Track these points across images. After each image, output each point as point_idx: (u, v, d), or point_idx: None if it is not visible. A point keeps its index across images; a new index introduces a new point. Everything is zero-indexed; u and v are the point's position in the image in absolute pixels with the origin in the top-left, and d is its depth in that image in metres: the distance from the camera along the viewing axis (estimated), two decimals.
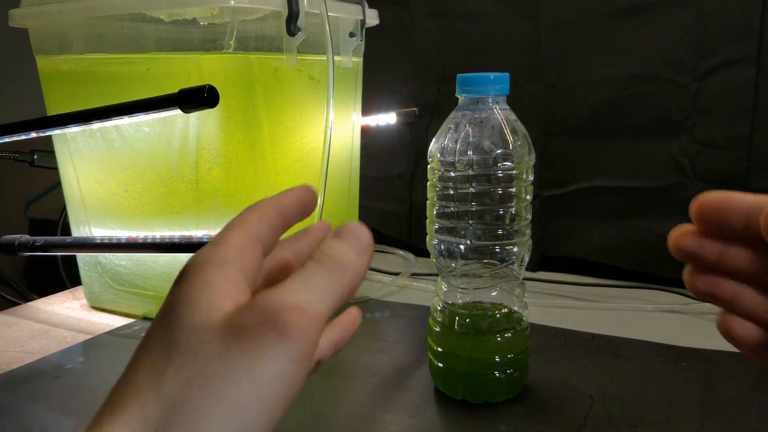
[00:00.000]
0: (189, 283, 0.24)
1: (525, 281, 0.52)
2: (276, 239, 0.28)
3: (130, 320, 0.70)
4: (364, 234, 0.26)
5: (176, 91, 0.52)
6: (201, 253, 0.25)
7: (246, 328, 0.22)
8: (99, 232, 0.70)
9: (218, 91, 0.52)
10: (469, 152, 0.47)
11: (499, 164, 0.47)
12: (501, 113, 0.48)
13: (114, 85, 0.63)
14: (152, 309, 0.69)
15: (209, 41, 0.58)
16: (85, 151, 0.67)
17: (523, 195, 0.48)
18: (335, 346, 0.29)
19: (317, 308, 0.23)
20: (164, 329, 0.23)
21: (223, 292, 0.23)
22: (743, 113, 0.70)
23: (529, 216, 0.49)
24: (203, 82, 0.52)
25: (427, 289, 0.78)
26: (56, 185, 0.84)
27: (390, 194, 0.96)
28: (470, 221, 0.48)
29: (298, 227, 0.32)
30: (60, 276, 0.91)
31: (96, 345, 0.64)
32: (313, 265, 0.24)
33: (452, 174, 0.48)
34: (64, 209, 0.81)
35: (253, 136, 0.61)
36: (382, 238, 0.98)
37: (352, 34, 0.73)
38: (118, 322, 0.70)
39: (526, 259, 0.50)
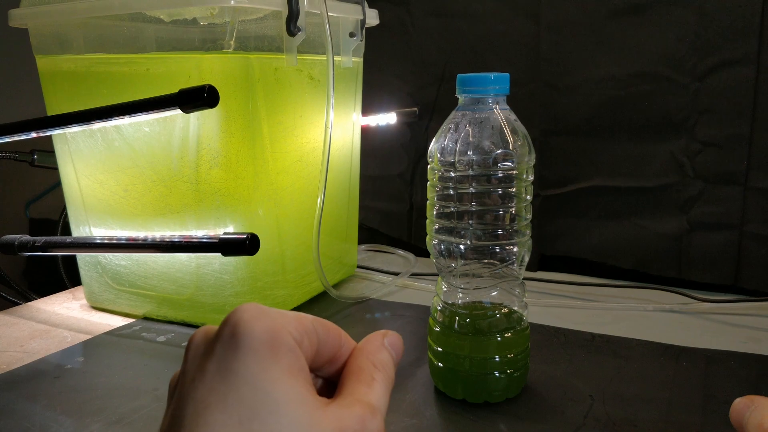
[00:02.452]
0: (271, 361, 0.24)
1: (525, 281, 0.52)
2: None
3: (130, 320, 0.70)
4: (402, 349, 0.31)
5: (176, 91, 0.52)
6: (266, 313, 0.25)
7: None
8: (99, 232, 0.70)
9: (218, 91, 0.52)
10: (469, 152, 0.47)
11: (499, 164, 0.47)
12: (501, 113, 0.48)
13: (114, 85, 0.63)
14: (152, 309, 0.69)
15: (209, 41, 0.58)
16: (85, 151, 0.68)
17: (523, 195, 0.48)
18: None
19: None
20: (241, 404, 0.23)
21: (308, 387, 0.24)
22: (743, 113, 0.70)
23: (529, 216, 0.49)
24: (203, 82, 0.52)
25: (427, 289, 0.78)
26: (56, 185, 0.84)
27: (390, 194, 0.96)
28: (470, 221, 0.48)
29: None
30: (60, 276, 0.91)
31: (96, 345, 0.64)
32: (385, 385, 0.28)
33: (452, 174, 0.48)
34: (64, 209, 0.81)
35: (253, 136, 0.61)
36: (382, 238, 0.98)
37: (352, 34, 0.73)
38: (118, 322, 0.70)
39: (526, 258, 0.50)
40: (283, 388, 0.23)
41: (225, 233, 0.58)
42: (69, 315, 0.73)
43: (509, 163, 0.47)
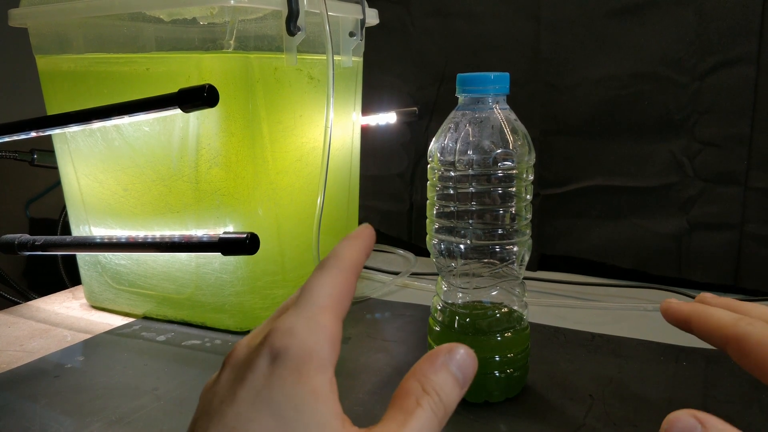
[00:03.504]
0: (298, 383, 0.23)
1: (525, 281, 0.52)
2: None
3: (130, 319, 0.70)
4: (472, 369, 0.26)
5: (176, 90, 0.52)
6: (299, 336, 0.24)
7: None
8: (99, 232, 0.70)
9: (218, 90, 0.52)
10: (469, 152, 0.47)
11: (499, 164, 0.47)
12: (501, 113, 0.48)
13: (114, 85, 0.63)
14: (152, 308, 0.69)
15: (209, 41, 0.58)
16: (85, 150, 0.67)
17: (523, 194, 0.48)
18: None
19: None
20: None
21: (334, 409, 0.23)
22: (743, 113, 0.70)
23: (529, 215, 0.49)
24: (203, 82, 0.52)
25: (427, 288, 0.78)
26: (56, 185, 0.84)
27: (390, 194, 0.96)
28: (470, 221, 0.48)
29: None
30: (60, 275, 0.91)
31: (96, 344, 0.64)
32: (432, 418, 0.24)
33: (452, 173, 0.48)
34: (64, 209, 0.81)
35: (253, 136, 0.61)
36: (382, 237, 0.98)
37: (352, 34, 0.73)
38: (118, 321, 0.70)
39: (526, 258, 0.50)
40: (307, 412, 0.22)
41: (225, 233, 0.58)
42: (69, 314, 0.73)
43: (509, 163, 0.47)
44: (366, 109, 0.85)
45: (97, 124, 0.62)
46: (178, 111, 0.53)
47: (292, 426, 0.22)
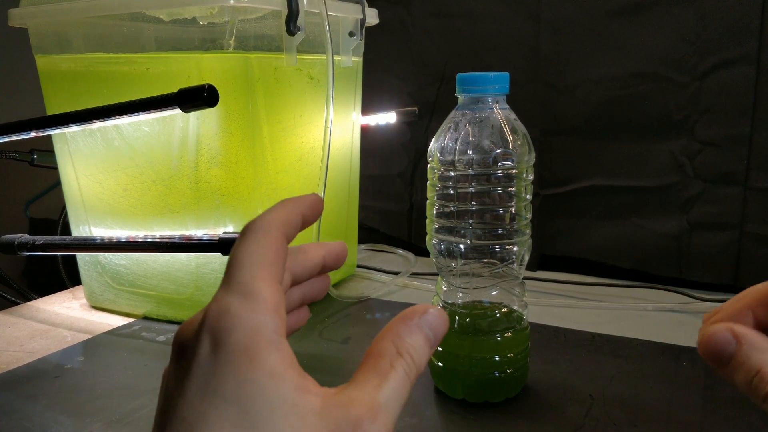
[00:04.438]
0: (246, 371, 0.22)
1: (525, 280, 0.52)
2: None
3: (130, 320, 0.70)
4: (443, 330, 0.26)
5: (176, 90, 0.52)
6: (237, 315, 0.23)
7: None
8: (99, 232, 0.70)
9: (218, 90, 0.52)
10: (469, 151, 0.47)
11: (498, 163, 0.47)
12: (501, 112, 0.47)
13: (114, 85, 0.63)
14: (152, 308, 0.69)
15: (209, 40, 0.58)
16: (84, 150, 0.67)
17: (523, 194, 0.48)
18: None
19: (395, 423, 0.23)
20: (234, 426, 0.21)
21: (295, 386, 0.22)
22: (743, 113, 0.70)
23: (529, 215, 0.49)
24: (203, 82, 0.52)
25: (427, 288, 0.78)
26: (56, 185, 0.84)
27: (390, 193, 0.96)
28: (470, 221, 0.48)
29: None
30: (60, 276, 0.91)
31: (96, 344, 0.64)
32: (404, 378, 0.24)
33: (452, 173, 0.47)
34: (64, 209, 0.81)
35: (253, 136, 0.61)
36: (382, 237, 0.98)
37: (351, 34, 0.73)
38: (118, 321, 0.70)
39: (526, 258, 0.50)
40: (267, 395, 0.21)
41: (225, 233, 0.58)
42: (69, 314, 0.73)
43: (509, 163, 0.47)
44: (366, 109, 0.85)
45: (97, 124, 0.62)
46: (178, 111, 0.53)
47: (255, 413, 0.21)
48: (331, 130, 0.64)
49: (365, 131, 0.85)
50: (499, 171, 0.47)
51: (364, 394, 0.23)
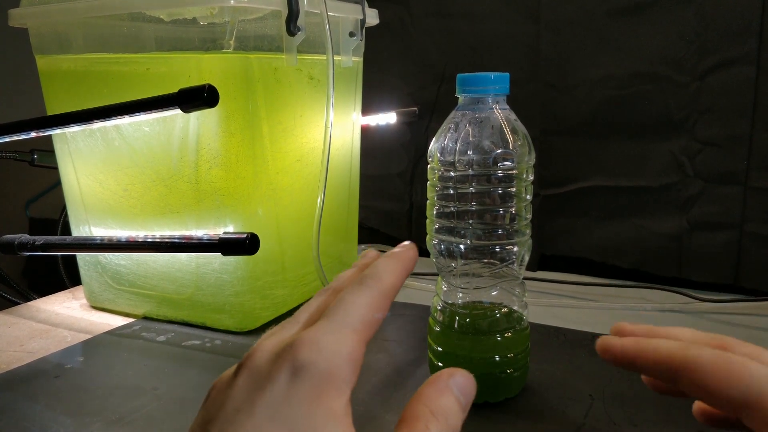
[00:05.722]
0: (312, 405, 0.22)
1: (525, 281, 0.52)
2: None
3: (130, 320, 0.70)
4: (473, 392, 0.26)
5: (176, 90, 0.52)
6: (324, 354, 0.24)
7: None
8: (99, 232, 0.70)
9: (218, 90, 0.52)
10: (469, 152, 0.47)
11: (499, 164, 0.47)
12: (501, 113, 0.48)
13: (114, 85, 0.63)
14: (152, 309, 0.69)
15: (209, 41, 0.58)
16: (85, 150, 0.67)
17: (523, 194, 0.48)
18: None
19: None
20: None
21: (347, 429, 0.23)
22: (743, 112, 0.70)
23: (529, 215, 0.49)
24: (203, 82, 0.52)
25: (427, 288, 0.78)
26: (56, 185, 0.84)
27: (390, 194, 0.96)
28: (470, 221, 0.48)
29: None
30: (60, 276, 0.91)
31: (96, 345, 0.64)
32: (439, 429, 0.24)
33: (452, 174, 0.48)
34: (64, 209, 0.81)
35: (253, 136, 0.61)
36: (382, 237, 0.98)
37: (352, 34, 0.73)
38: (118, 321, 0.70)
39: (526, 258, 0.50)
40: None
41: (225, 233, 0.58)
42: (69, 314, 0.73)
43: (509, 163, 0.47)
44: (366, 109, 0.85)
45: (97, 124, 0.62)
46: (178, 111, 0.53)
47: None
48: (331, 130, 0.64)
49: (365, 131, 0.85)
50: (500, 171, 0.47)
51: None
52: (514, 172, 0.47)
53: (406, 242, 0.30)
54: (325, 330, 0.24)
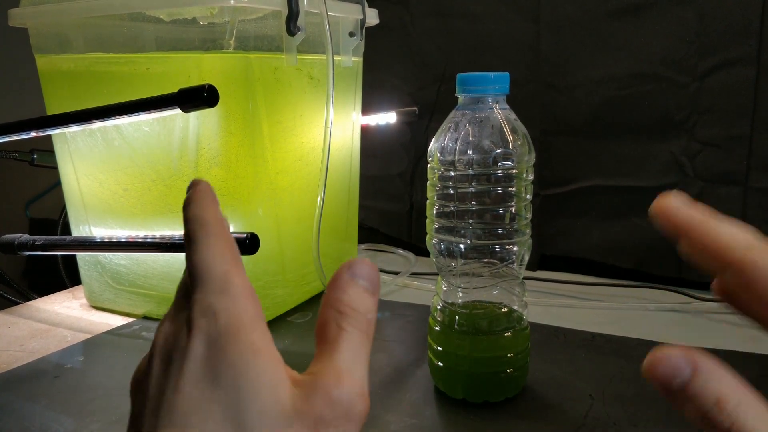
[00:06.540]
0: (236, 346, 0.23)
1: (525, 280, 0.52)
2: None
3: (130, 320, 0.70)
4: (376, 275, 0.25)
5: (176, 90, 0.52)
6: (222, 310, 0.23)
7: (326, 423, 0.21)
8: (99, 232, 0.70)
9: (218, 90, 0.52)
10: (469, 151, 0.47)
11: (498, 163, 0.47)
12: (501, 112, 0.48)
13: (114, 85, 0.63)
14: (152, 308, 0.69)
15: (209, 41, 0.58)
16: (84, 150, 0.67)
17: (523, 194, 0.48)
18: None
19: (366, 380, 0.23)
20: (223, 405, 0.22)
21: (275, 360, 0.23)
22: (743, 113, 0.70)
23: (529, 215, 0.49)
24: (203, 82, 0.51)
25: (427, 288, 0.78)
26: (56, 185, 0.84)
27: (390, 193, 0.96)
28: (470, 220, 0.48)
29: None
30: (60, 275, 0.91)
31: (96, 344, 0.64)
32: (357, 335, 0.24)
33: (452, 173, 0.48)
34: (64, 209, 0.81)
35: (253, 136, 0.61)
36: (382, 237, 0.98)
37: (351, 34, 0.73)
38: (118, 321, 0.70)
39: (526, 258, 0.50)
40: (250, 370, 0.22)
41: None
42: (69, 314, 0.73)
43: (509, 163, 0.47)
44: (366, 109, 0.85)
45: (97, 124, 0.62)
46: (178, 111, 0.53)
47: (239, 389, 0.22)
48: (331, 130, 0.64)
49: (365, 131, 0.85)
50: (499, 171, 0.47)
51: (323, 366, 0.23)
52: (514, 171, 0.47)
53: (194, 183, 0.29)
54: (205, 293, 0.24)
